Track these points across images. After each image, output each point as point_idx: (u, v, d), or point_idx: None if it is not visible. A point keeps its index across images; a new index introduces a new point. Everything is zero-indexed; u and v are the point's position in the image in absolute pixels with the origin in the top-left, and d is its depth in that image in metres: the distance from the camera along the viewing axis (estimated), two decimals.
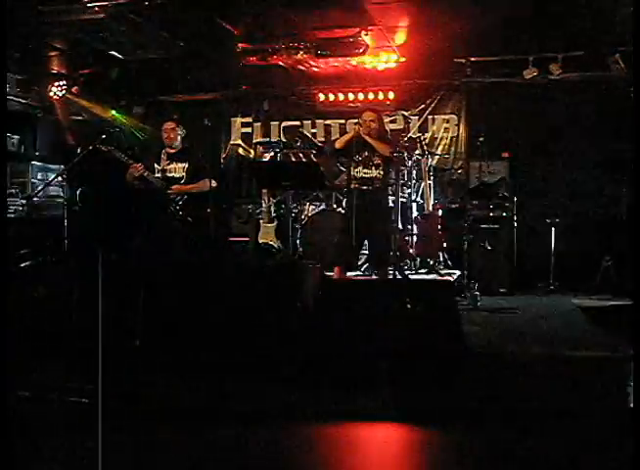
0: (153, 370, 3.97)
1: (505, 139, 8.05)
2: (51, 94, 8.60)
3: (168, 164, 6.15)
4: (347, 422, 3.38)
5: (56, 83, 8.56)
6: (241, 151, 9.41)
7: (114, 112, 9.19)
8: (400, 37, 7.29)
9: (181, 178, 6.11)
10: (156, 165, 6.16)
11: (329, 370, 3.97)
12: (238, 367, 4.01)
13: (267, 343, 4.10)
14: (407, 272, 6.84)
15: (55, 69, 8.47)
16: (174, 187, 6.04)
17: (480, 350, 4.65)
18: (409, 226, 7.42)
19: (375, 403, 3.61)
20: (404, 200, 7.35)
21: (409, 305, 4.10)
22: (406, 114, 8.70)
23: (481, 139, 7.60)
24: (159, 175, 6.11)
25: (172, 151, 6.19)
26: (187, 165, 6.13)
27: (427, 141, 8.23)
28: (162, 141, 6.21)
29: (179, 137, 6.19)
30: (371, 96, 8.64)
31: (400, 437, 3.21)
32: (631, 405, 3.29)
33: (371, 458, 2.97)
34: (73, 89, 8.66)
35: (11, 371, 3.70)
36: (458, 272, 7.15)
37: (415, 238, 7.38)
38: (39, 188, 7.74)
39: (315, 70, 8.23)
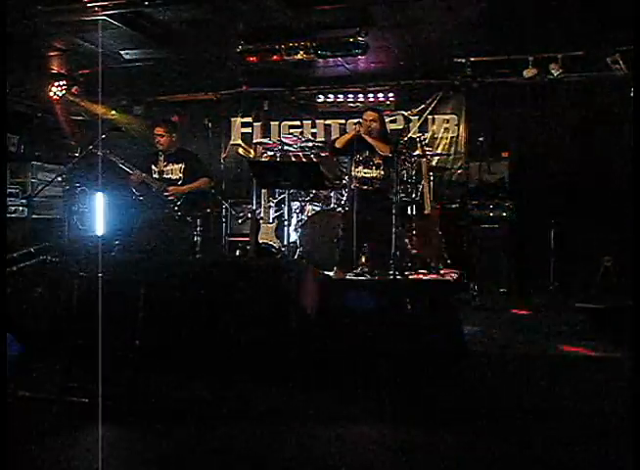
0: (153, 370, 3.97)
1: (505, 139, 8.05)
2: (51, 94, 8.61)
3: (165, 166, 6.17)
4: (346, 422, 3.38)
5: (56, 83, 8.56)
6: (241, 151, 9.42)
7: (113, 112, 9.21)
8: (400, 37, 7.27)
9: (178, 179, 6.13)
10: (153, 167, 6.18)
11: (328, 370, 3.98)
12: (238, 367, 4.02)
13: (267, 343, 4.10)
14: (407, 272, 6.83)
15: (55, 69, 8.47)
16: (171, 188, 6.06)
17: (479, 350, 4.66)
18: (409, 226, 7.41)
19: (374, 404, 3.61)
20: (404, 200, 7.34)
21: (409, 305, 4.10)
22: (406, 114, 8.71)
23: (481, 139, 7.61)
24: (156, 176, 6.13)
25: (169, 152, 6.21)
26: (183, 166, 6.15)
27: (427, 141, 8.22)
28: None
29: (170, 141, 6.20)
30: (371, 96, 8.65)
31: (399, 437, 3.21)
32: (631, 405, 3.30)
33: (368, 459, 2.97)
34: (73, 89, 8.67)
35: (11, 371, 3.71)
36: (458, 272, 7.15)
37: (415, 238, 7.37)
38: (39, 188, 7.75)
39: (315, 70, 8.24)
